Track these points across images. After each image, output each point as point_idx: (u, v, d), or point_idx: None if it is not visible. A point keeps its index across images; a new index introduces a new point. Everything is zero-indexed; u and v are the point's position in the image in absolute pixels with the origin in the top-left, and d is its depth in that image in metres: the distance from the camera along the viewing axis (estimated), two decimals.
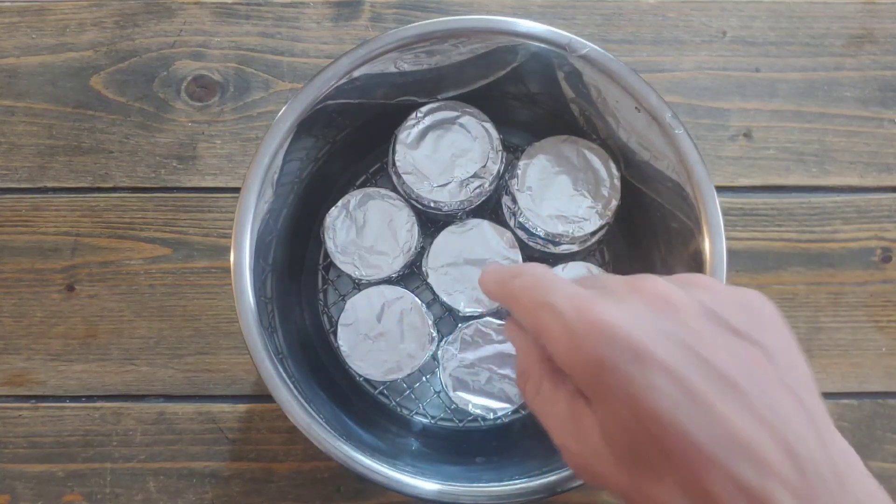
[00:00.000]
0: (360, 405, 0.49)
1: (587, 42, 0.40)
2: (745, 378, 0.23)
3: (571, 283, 0.27)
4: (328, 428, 0.38)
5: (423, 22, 0.40)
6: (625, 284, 0.26)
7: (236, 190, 0.41)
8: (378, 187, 0.47)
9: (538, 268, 0.28)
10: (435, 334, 0.46)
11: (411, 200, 0.46)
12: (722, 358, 0.23)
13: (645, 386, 0.23)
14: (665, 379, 0.23)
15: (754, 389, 0.23)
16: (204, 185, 0.53)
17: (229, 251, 0.39)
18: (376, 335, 0.45)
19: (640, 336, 0.23)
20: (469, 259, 0.46)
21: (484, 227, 0.46)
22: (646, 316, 0.24)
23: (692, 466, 0.23)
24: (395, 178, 0.46)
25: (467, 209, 0.47)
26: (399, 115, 0.46)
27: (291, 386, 0.39)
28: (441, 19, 0.41)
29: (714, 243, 0.39)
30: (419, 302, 0.46)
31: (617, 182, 0.45)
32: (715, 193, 0.39)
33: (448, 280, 0.46)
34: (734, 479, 0.22)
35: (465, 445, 0.49)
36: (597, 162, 0.45)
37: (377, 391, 0.50)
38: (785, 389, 0.24)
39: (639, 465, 0.24)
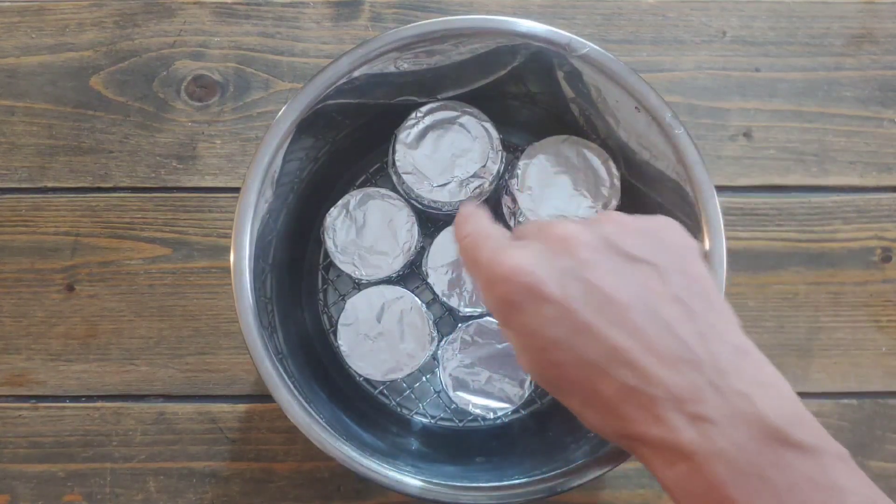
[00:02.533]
0: (360, 405, 0.49)
1: (587, 42, 0.40)
2: (631, 297, 0.27)
3: (498, 233, 0.31)
4: (328, 428, 0.38)
5: (423, 22, 0.40)
6: (536, 229, 0.30)
7: (236, 190, 0.41)
8: (378, 187, 0.47)
9: (473, 224, 0.31)
10: (435, 334, 0.46)
11: (411, 200, 0.46)
12: (609, 282, 0.27)
13: (540, 319, 0.27)
14: (556, 310, 0.27)
15: (639, 305, 0.27)
16: (204, 185, 0.53)
17: (229, 251, 0.39)
18: (376, 335, 0.45)
19: (536, 276, 0.27)
20: None
21: None
22: (545, 256, 0.28)
23: (587, 381, 0.27)
24: (395, 178, 0.46)
25: None
26: (399, 115, 0.46)
27: (291, 386, 0.39)
28: (441, 19, 0.41)
29: (714, 243, 0.39)
30: (419, 302, 0.46)
31: (617, 182, 0.45)
32: (715, 193, 0.39)
33: (448, 280, 0.46)
34: (619, 384, 0.26)
35: (465, 445, 0.49)
36: (597, 162, 0.45)
37: (377, 391, 0.50)
38: (672, 301, 0.27)
39: (552, 386, 0.28)
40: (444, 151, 0.45)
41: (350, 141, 0.48)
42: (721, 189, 0.51)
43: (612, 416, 0.27)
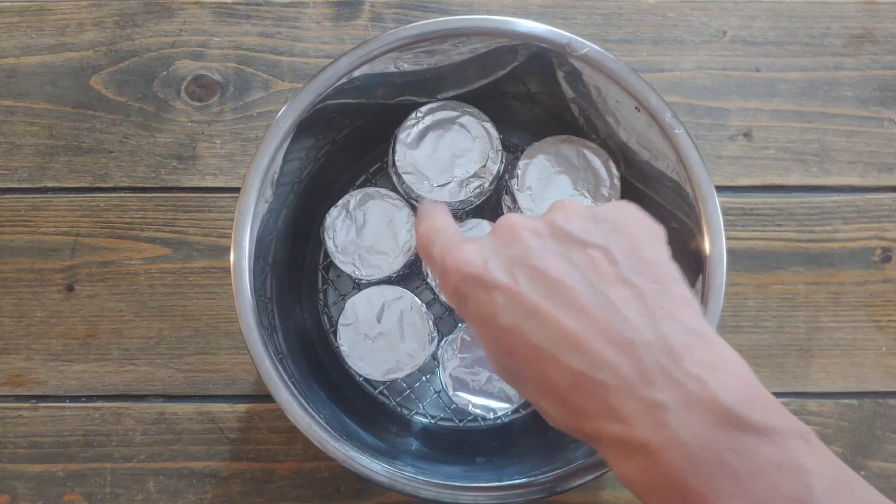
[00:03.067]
0: (360, 405, 0.49)
1: (587, 42, 0.40)
2: (578, 280, 0.27)
3: (451, 229, 0.32)
4: (328, 428, 0.38)
5: (423, 22, 0.40)
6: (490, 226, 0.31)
7: (236, 190, 0.41)
8: (378, 187, 0.47)
9: (429, 220, 0.32)
10: (435, 334, 0.46)
11: (411, 200, 0.46)
12: (556, 267, 0.27)
13: (491, 307, 0.27)
14: (504, 297, 0.27)
15: (586, 288, 0.27)
16: (204, 185, 0.53)
17: (229, 251, 0.39)
18: (376, 335, 0.45)
19: (485, 267, 0.27)
20: None
21: (484, 227, 0.46)
22: (492, 247, 0.28)
23: (538, 366, 0.27)
24: (395, 178, 0.46)
25: (467, 209, 0.47)
26: (399, 115, 0.46)
27: (291, 386, 0.39)
28: (441, 19, 0.41)
29: (714, 243, 0.39)
30: (419, 302, 0.46)
31: (617, 182, 0.45)
32: (715, 193, 0.39)
33: None
34: (567, 369, 0.26)
35: (465, 445, 0.49)
36: (597, 162, 0.45)
37: (377, 391, 0.50)
38: (621, 283, 0.27)
39: (511, 377, 0.28)
40: (444, 151, 0.45)
41: (350, 141, 0.48)
42: (721, 189, 0.51)
43: (566, 407, 0.27)
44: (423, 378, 0.50)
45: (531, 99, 0.47)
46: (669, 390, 0.25)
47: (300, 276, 0.50)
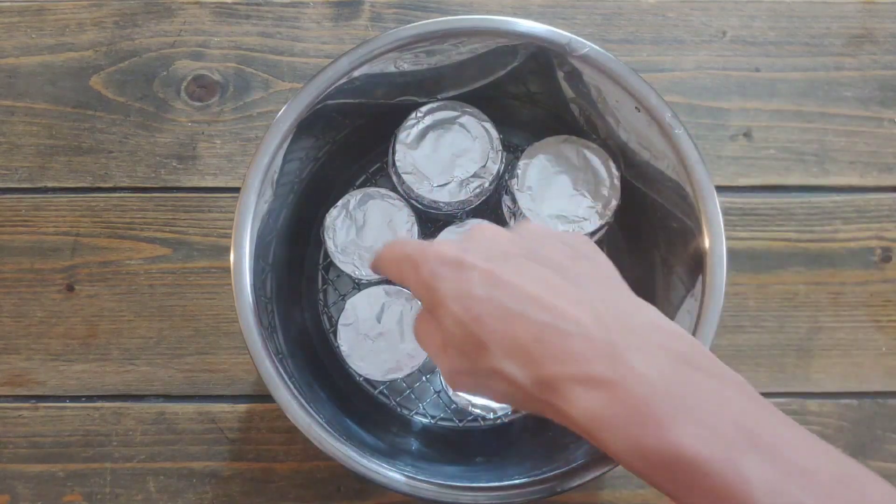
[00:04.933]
0: (360, 405, 0.49)
1: (587, 42, 0.40)
2: (543, 260, 0.30)
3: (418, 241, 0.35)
4: (328, 428, 0.38)
5: (423, 22, 0.40)
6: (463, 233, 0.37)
7: (236, 190, 0.41)
8: (378, 187, 0.47)
9: (394, 244, 0.35)
10: None
11: (411, 200, 0.46)
12: (525, 253, 0.31)
13: (466, 282, 0.30)
14: (480, 274, 0.30)
15: (551, 266, 0.30)
16: (204, 185, 0.53)
17: (229, 251, 0.39)
18: (376, 335, 0.45)
19: (464, 253, 0.31)
20: None
21: None
22: (470, 243, 0.32)
23: (505, 326, 0.29)
24: (395, 178, 0.46)
25: (467, 209, 0.47)
26: (399, 115, 0.46)
27: (291, 386, 0.39)
28: (441, 19, 0.41)
29: (714, 243, 0.39)
30: (419, 302, 0.46)
31: (617, 182, 0.45)
32: (715, 193, 0.39)
33: None
34: (533, 322, 0.29)
35: (465, 445, 0.49)
36: (597, 162, 0.45)
37: (377, 391, 0.50)
38: (580, 262, 0.31)
39: (471, 346, 0.30)
40: (444, 151, 0.45)
41: (350, 141, 0.48)
42: (721, 189, 0.51)
43: (529, 360, 0.29)
44: (423, 378, 0.50)
45: (531, 99, 0.47)
46: (628, 336, 0.28)
47: (300, 276, 0.50)
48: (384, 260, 0.35)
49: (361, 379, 0.50)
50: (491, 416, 0.46)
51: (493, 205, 0.49)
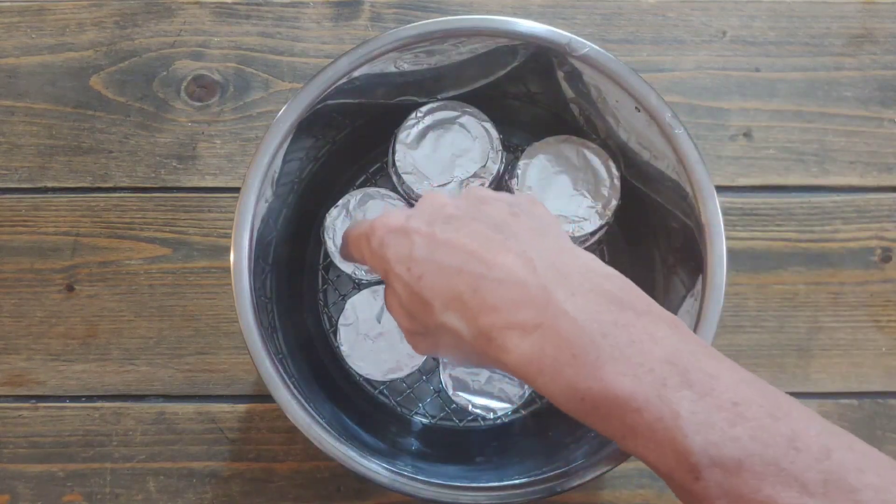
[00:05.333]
0: (360, 405, 0.49)
1: (587, 42, 0.40)
2: (484, 218, 0.31)
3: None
4: (328, 428, 0.38)
5: (423, 22, 0.40)
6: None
7: (236, 190, 0.41)
8: (378, 187, 0.47)
9: (352, 223, 0.37)
10: None
11: (411, 200, 0.46)
12: (466, 212, 0.32)
13: (409, 246, 0.31)
14: (422, 239, 0.31)
15: (490, 222, 0.31)
16: (204, 185, 0.53)
17: (229, 251, 0.39)
18: (376, 335, 0.45)
19: (407, 221, 0.32)
20: None
21: None
22: (415, 210, 0.33)
23: (446, 282, 0.30)
24: (395, 178, 0.46)
25: None
26: (399, 115, 0.46)
27: (291, 386, 0.39)
28: (441, 19, 0.41)
29: (714, 243, 0.39)
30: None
31: (617, 182, 0.45)
32: (715, 193, 0.39)
33: None
34: (470, 275, 0.30)
35: (465, 445, 0.49)
36: (597, 162, 0.45)
37: (377, 391, 0.50)
38: (518, 218, 0.32)
39: (419, 305, 0.31)
40: (444, 151, 0.45)
41: (350, 141, 0.48)
42: (721, 189, 0.51)
43: (467, 312, 0.30)
44: (423, 378, 0.50)
45: (531, 99, 0.47)
46: (559, 282, 0.29)
47: (300, 276, 0.50)
48: (345, 245, 0.37)
49: (361, 379, 0.50)
50: (491, 416, 0.46)
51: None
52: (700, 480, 0.26)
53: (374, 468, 0.38)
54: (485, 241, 0.30)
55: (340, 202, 0.46)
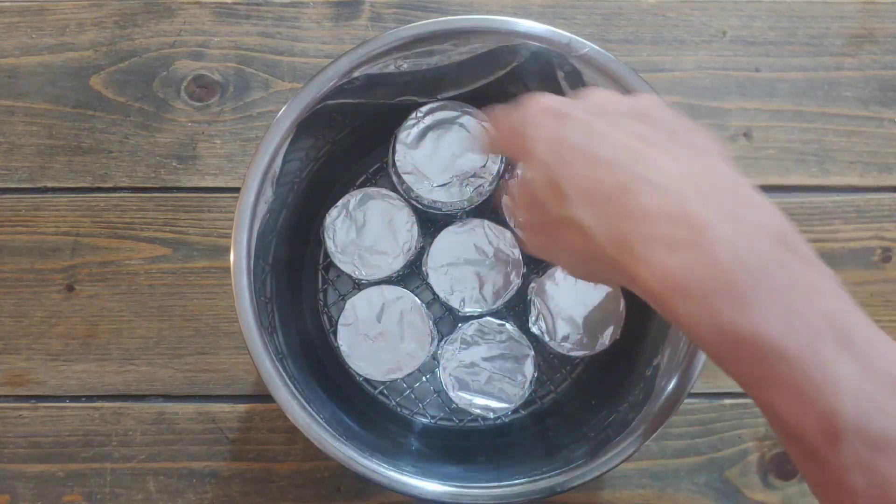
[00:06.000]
0: (360, 405, 0.49)
1: (587, 42, 0.40)
2: (642, 120, 0.29)
3: None
4: (328, 428, 0.38)
5: (423, 22, 0.41)
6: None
7: (236, 190, 0.41)
8: (378, 187, 0.47)
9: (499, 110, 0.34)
10: (435, 334, 0.46)
11: (411, 200, 0.46)
12: (625, 111, 0.30)
13: (562, 129, 0.29)
14: (577, 124, 0.29)
15: (649, 127, 0.29)
16: (204, 185, 0.53)
17: (229, 251, 0.39)
18: (376, 335, 0.45)
19: (565, 105, 0.30)
20: (469, 259, 0.46)
21: (484, 226, 0.46)
22: (572, 98, 0.31)
23: (594, 172, 0.28)
24: (395, 178, 0.46)
25: (467, 209, 0.47)
26: (399, 115, 0.46)
27: (291, 386, 0.39)
28: (441, 19, 0.41)
29: None
30: (419, 302, 0.46)
31: None
32: None
33: (448, 280, 0.46)
34: (623, 170, 0.27)
35: (465, 445, 0.49)
36: None
37: (377, 391, 0.50)
38: (676, 133, 0.29)
39: (555, 191, 0.29)
40: (444, 151, 0.45)
41: (350, 141, 0.48)
42: None
43: (609, 210, 0.27)
44: (423, 378, 0.50)
45: None
46: (721, 204, 0.26)
47: (300, 276, 0.50)
48: (493, 129, 0.34)
49: (361, 379, 0.50)
50: (491, 416, 0.46)
51: (494, 205, 0.49)
52: (837, 446, 0.24)
53: (375, 468, 0.38)
54: (647, 140, 0.28)
55: (340, 202, 0.46)
